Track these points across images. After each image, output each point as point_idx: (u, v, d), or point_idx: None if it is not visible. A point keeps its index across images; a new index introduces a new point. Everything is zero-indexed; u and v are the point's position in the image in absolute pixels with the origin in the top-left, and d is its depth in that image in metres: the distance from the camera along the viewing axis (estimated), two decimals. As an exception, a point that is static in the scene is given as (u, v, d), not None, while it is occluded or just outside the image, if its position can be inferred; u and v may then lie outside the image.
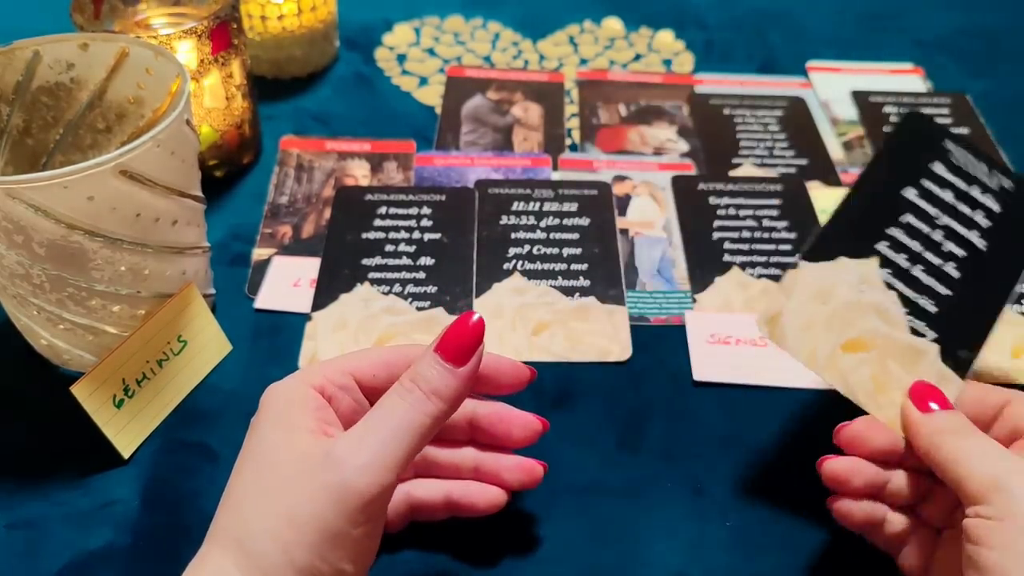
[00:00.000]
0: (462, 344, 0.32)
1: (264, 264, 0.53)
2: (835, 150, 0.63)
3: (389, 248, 0.53)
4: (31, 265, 0.39)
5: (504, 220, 0.55)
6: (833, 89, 0.69)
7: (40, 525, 0.40)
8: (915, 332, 0.39)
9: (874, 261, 0.41)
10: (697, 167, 0.61)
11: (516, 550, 0.39)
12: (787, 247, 0.54)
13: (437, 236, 0.54)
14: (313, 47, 0.68)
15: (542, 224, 0.55)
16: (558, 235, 0.54)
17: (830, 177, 0.60)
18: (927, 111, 0.66)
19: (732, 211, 0.57)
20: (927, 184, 0.43)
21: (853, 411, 0.37)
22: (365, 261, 0.52)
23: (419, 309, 0.50)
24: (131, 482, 0.41)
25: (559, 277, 0.52)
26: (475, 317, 0.33)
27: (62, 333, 0.43)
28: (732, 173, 0.61)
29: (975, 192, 0.43)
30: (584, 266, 0.52)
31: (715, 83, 0.70)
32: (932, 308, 0.40)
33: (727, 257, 0.53)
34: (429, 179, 0.59)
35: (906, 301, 0.40)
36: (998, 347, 0.48)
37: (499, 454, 0.38)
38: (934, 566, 0.35)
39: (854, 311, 0.39)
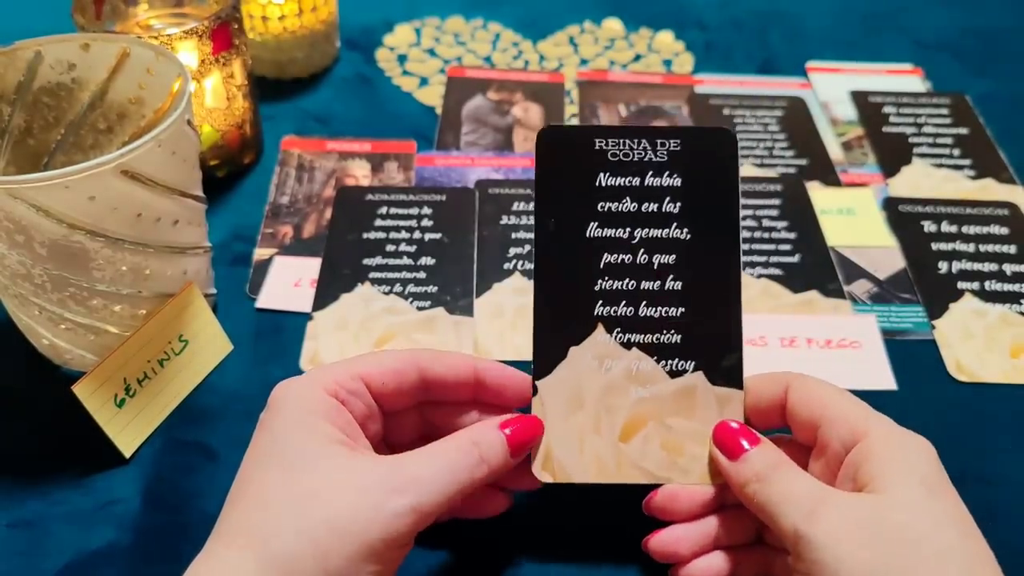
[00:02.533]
0: (526, 442, 0.35)
1: (265, 264, 0.53)
2: (835, 150, 0.63)
3: (390, 248, 0.53)
4: (32, 265, 0.39)
5: (505, 220, 0.55)
6: (833, 89, 0.69)
7: (41, 524, 0.40)
8: (675, 373, 0.36)
9: (599, 330, 0.37)
10: (697, 167, 0.61)
11: (516, 550, 0.39)
12: (787, 247, 0.54)
13: (438, 236, 0.54)
14: (314, 48, 0.68)
15: None
16: None
17: (830, 177, 0.60)
18: (927, 111, 0.66)
19: (732, 211, 0.57)
20: (602, 206, 0.37)
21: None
22: (366, 261, 0.52)
23: (420, 309, 0.50)
24: (132, 481, 0.41)
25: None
26: (539, 430, 0.35)
27: (63, 333, 0.43)
28: (732, 173, 0.61)
29: (651, 179, 0.37)
30: None
31: (715, 83, 0.70)
32: (676, 338, 0.36)
33: (727, 257, 0.53)
34: (430, 179, 0.59)
35: (650, 348, 0.36)
36: (997, 347, 0.48)
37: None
38: None
39: (612, 395, 0.36)
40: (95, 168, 0.36)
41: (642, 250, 0.37)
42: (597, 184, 0.37)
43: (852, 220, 0.56)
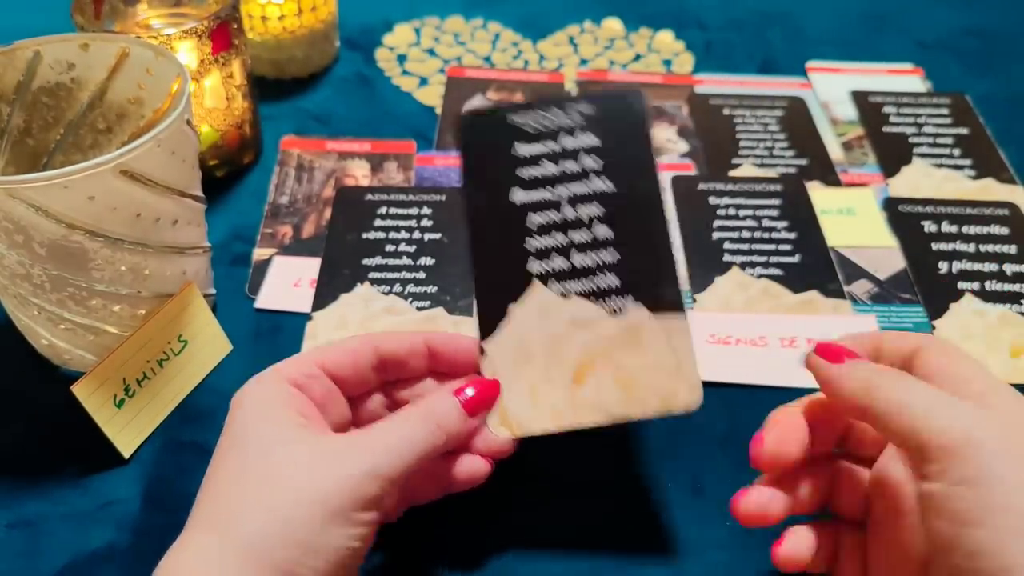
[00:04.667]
0: (482, 402, 0.36)
1: (264, 264, 0.53)
2: (835, 150, 0.63)
3: (389, 248, 0.53)
4: (32, 265, 0.39)
5: None
6: (833, 89, 0.69)
7: (40, 524, 0.40)
8: (617, 312, 0.37)
9: (536, 285, 0.38)
10: (697, 167, 0.61)
11: (515, 550, 0.39)
12: (787, 247, 0.54)
13: (437, 236, 0.54)
14: (313, 47, 0.68)
15: None
16: None
17: (830, 177, 0.60)
18: (927, 111, 0.66)
19: (732, 211, 0.57)
20: (523, 172, 0.39)
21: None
22: (365, 261, 0.52)
23: (419, 309, 0.50)
24: (132, 482, 0.41)
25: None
26: (494, 388, 0.36)
27: (63, 333, 0.43)
28: (732, 173, 0.61)
29: (567, 142, 0.39)
30: None
31: (715, 83, 0.70)
32: (614, 281, 0.37)
33: (727, 257, 0.54)
34: (429, 179, 0.59)
35: (588, 295, 0.37)
36: (998, 347, 0.48)
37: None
38: (871, 568, 0.34)
39: (559, 343, 0.37)
40: (94, 168, 0.36)
41: (568, 206, 0.38)
42: (515, 154, 0.39)
43: (852, 220, 0.56)
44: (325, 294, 0.51)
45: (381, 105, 0.67)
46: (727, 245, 0.54)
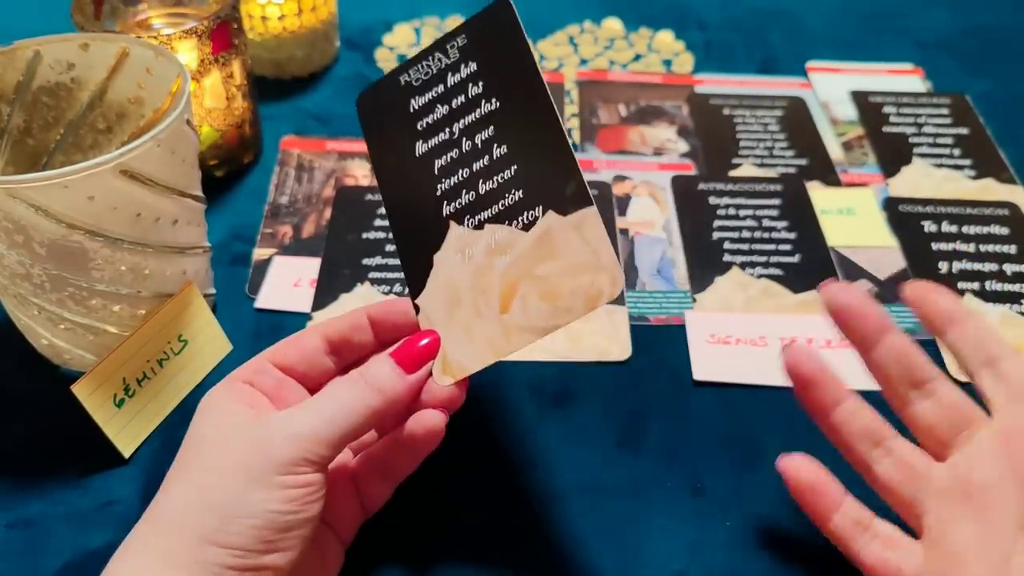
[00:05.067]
0: (416, 355, 0.35)
1: (264, 264, 0.53)
2: (835, 150, 0.63)
3: (389, 248, 0.53)
4: (32, 265, 0.39)
5: None
6: (833, 89, 0.69)
7: (40, 524, 0.40)
8: (529, 225, 0.36)
9: (452, 227, 0.38)
10: (697, 167, 0.61)
11: (515, 550, 0.39)
12: (787, 247, 0.54)
13: None
14: (313, 47, 0.68)
15: None
16: None
17: (830, 177, 0.60)
18: (927, 111, 0.66)
19: (732, 211, 0.57)
20: (421, 124, 0.39)
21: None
22: (365, 261, 0.52)
23: (419, 309, 0.50)
24: (132, 481, 0.41)
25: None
26: (429, 339, 0.36)
27: (63, 333, 0.43)
28: (732, 173, 0.61)
29: (451, 79, 0.39)
30: None
31: (715, 83, 0.70)
32: (519, 194, 0.36)
33: (727, 257, 0.54)
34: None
35: (500, 217, 0.36)
36: (998, 347, 0.48)
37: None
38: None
39: (482, 277, 0.36)
40: (94, 168, 0.36)
41: (464, 139, 0.38)
42: (411, 110, 0.39)
43: (852, 220, 0.56)
44: (325, 294, 0.51)
45: (381, 105, 0.67)
46: (727, 245, 0.54)
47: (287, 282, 0.52)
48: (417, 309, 0.38)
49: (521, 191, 0.36)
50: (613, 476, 0.42)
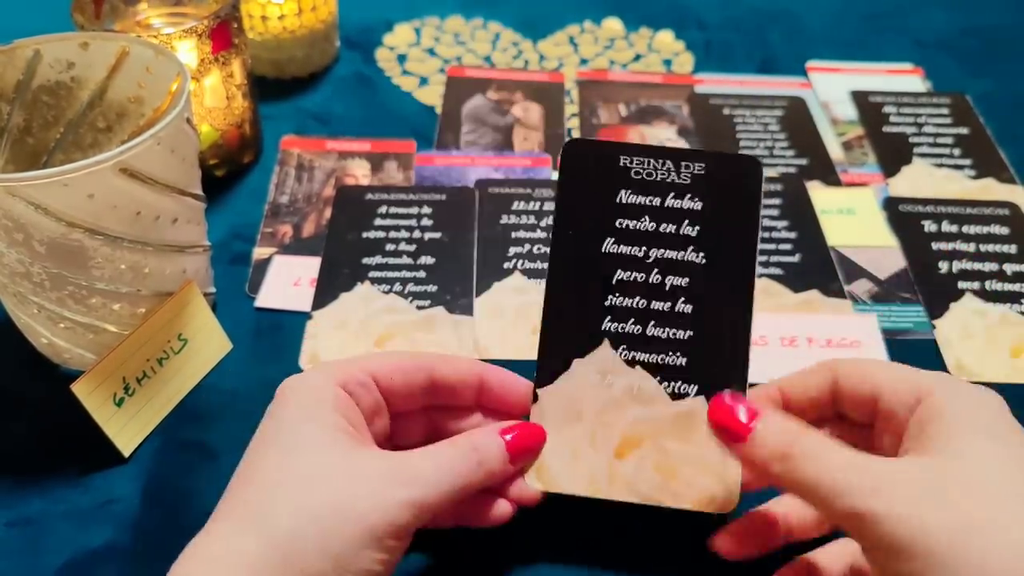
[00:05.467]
0: (528, 449, 0.35)
1: (264, 263, 0.53)
2: (835, 150, 0.63)
3: (390, 247, 0.53)
4: (31, 263, 0.39)
5: (504, 219, 0.55)
6: (833, 89, 0.69)
7: (40, 523, 0.40)
8: (677, 396, 0.36)
9: (605, 345, 0.37)
10: (697, 167, 0.61)
11: (515, 549, 0.39)
12: (787, 246, 0.54)
13: (438, 235, 0.54)
14: (313, 47, 0.68)
15: (543, 224, 0.55)
16: None
17: (830, 177, 0.60)
18: (927, 111, 0.66)
19: (732, 211, 0.57)
20: (621, 223, 0.37)
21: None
22: (365, 260, 0.52)
23: (419, 308, 0.50)
24: (131, 480, 0.41)
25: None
26: (541, 438, 0.36)
27: (62, 331, 0.43)
28: (732, 173, 0.61)
29: (671, 201, 0.37)
30: None
31: (715, 83, 0.70)
32: (682, 361, 0.36)
33: (727, 256, 0.53)
34: (430, 179, 0.59)
35: (654, 368, 0.36)
36: (998, 347, 0.48)
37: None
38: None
39: (611, 411, 0.36)
40: (94, 166, 0.36)
41: (656, 270, 0.37)
42: (618, 201, 0.38)
43: (852, 220, 0.56)
44: (325, 293, 0.50)
45: (381, 105, 0.67)
46: (727, 244, 0.54)
47: (287, 281, 0.52)
48: (536, 398, 0.37)
49: (685, 360, 0.36)
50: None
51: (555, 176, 0.60)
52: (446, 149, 0.62)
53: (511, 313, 0.50)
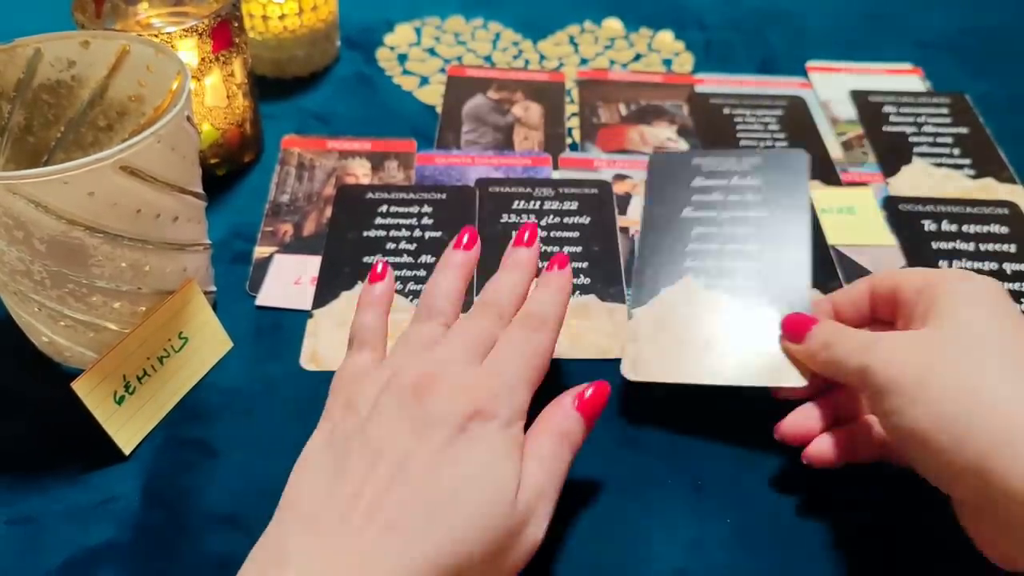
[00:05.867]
0: (599, 411, 0.38)
1: (265, 262, 0.53)
2: (834, 149, 0.63)
3: (390, 246, 0.53)
4: (32, 261, 0.39)
5: (505, 218, 0.55)
6: (832, 89, 0.69)
7: (40, 521, 0.40)
8: (749, 308, 0.44)
9: (687, 278, 0.46)
10: (697, 166, 0.61)
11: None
12: (787, 245, 0.54)
13: (438, 234, 0.54)
14: (314, 47, 0.68)
15: (543, 223, 0.55)
16: (559, 233, 0.54)
17: (830, 177, 0.60)
18: (927, 111, 0.66)
19: (732, 210, 0.57)
20: (696, 198, 0.49)
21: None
22: (366, 259, 0.52)
23: (419, 307, 0.50)
24: (132, 478, 0.41)
25: (559, 275, 0.52)
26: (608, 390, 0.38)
27: (63, 330, 0.43)
28: (732, 172, 0.61)
29: (736, 181, 0.49)
30: (585, 264, 0.52)
31: (715, 83, 0.70)
32: (751, 283, 0.45)
33: (727, 255, 0.54)
34: (430, 178, 0.59)
35: (730, 291, 0.45)
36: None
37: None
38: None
39: (694, 320, 0.44)
40: (94, 164, 0.36)
41: (727, 223, 0.48)
42: (692, 186, 0.50)
43: (852, 219, 0.56)
44: (326, 292, 0.51)
45: (382, 104, 0.67)
46: (727, 243, 0.54)
47: (288, 280, 0.52)
48: (631, 316, 0.46)
49: (754, 282, 0.45)
50: (614, 473, 0.42)
51: (555, 175, 0.60)
52: (446, 148, 0.62)
53: (511, 312, 0.50)
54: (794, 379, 0.41)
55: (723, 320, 0.44)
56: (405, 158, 0.61)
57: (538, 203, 0.56)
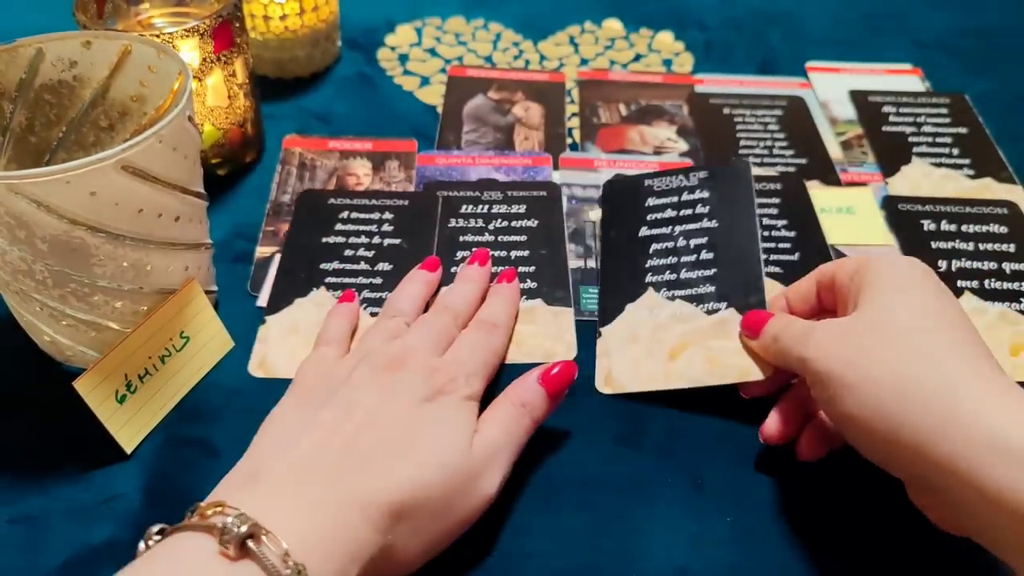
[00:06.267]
0: (563, 390, 0.41)
1: (266, 261, 0.53)
2: (834, 149, 0.63)
3: (348, 252, 0.52)
4: (34, 261, 0.39)
5: (453, 223, 0.55)
6: (832, 89, 0.69)
7: (42, 520, 0.40)
8: (711, 312, 0.46)
9: (649, 291, 0.48)
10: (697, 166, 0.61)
11: (516, 545, 0.39)
12: (787, 245, 0.54)
13: (397, 241, 0.53)
14: (315, 47, 0.68)
15: (491, 227, 0.54)
16: (507, 237, 0.54)
17: (829, 176, 0.60)
18: (926, 111, 0.66)
19: (732, 210, 0.57)
20: (650, 217, 0.52)
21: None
22: (323, 265, 0.52)
23: (373, 315, 0.49)
24: (133, 477, 0.42)
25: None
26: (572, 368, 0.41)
27: (65, 329, 0.43)
28: (732, 172, 0.61)
29: (686, 195, 0.52)
30: (532, 268, 0.52)
31: (715, 83, 0.70)
32: (710, 288, 0.47)
33: (727, 255, 0.54)
34: (431, 178, 0.59)
35: (690, 299, 0.47)
36: (997, 345, 0.48)
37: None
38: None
39: (660, 332, 0.46)
40: (96, 163, 0.37)
41: (681, 237, 0.50)
42: (646, 205, 0.53)
43: (852, 219, 0.57)
44: (280, 297, 0.50)
45: (383, 104, 0.67)
46: (727, 243, 0.55)
47: (288, 280, 0.52)
48: (599, 335, 0.48)
49: (713, 287, 0.47)
50: (613, 471, 0.42)
51: (554, 177, 0.60)
52: (447, 149, 0.63)
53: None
54: (756, 373, 0.43)
55: (687, 327, 0.46)
56: (406, 158, 0.61)
57: (487, 207, 0.56)
